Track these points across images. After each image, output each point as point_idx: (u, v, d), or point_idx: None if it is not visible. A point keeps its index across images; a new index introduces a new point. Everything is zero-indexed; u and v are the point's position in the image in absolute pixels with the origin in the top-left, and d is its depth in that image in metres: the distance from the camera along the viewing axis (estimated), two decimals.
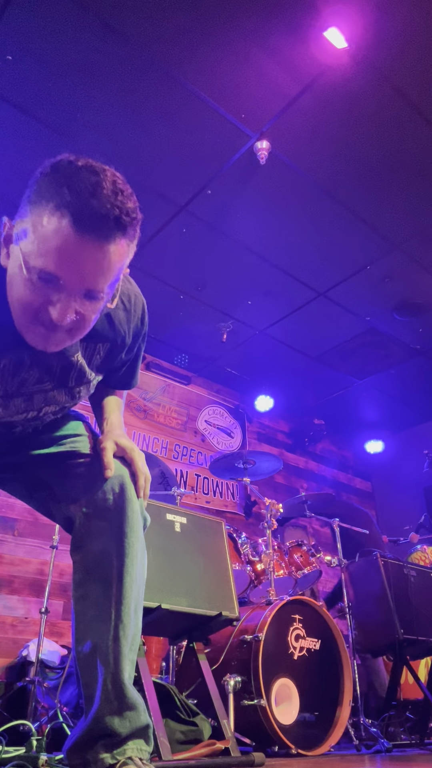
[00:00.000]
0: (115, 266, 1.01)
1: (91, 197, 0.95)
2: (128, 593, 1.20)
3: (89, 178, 0.98)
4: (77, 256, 0.96)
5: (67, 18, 2.68)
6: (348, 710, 2.57)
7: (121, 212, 0.97)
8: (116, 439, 1.32)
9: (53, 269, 0.97)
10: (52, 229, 0.96)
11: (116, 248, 0.99)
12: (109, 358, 1.31)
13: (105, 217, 0.96)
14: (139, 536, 1.26)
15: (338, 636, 2.70)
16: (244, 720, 2.26)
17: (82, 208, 0.95)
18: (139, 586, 1.24)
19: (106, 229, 0.96)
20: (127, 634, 1.17)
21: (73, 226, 0.95)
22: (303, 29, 2.76)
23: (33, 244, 0.98)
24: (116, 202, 0.97)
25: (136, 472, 1.30)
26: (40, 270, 0.98)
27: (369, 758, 2.36)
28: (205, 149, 3.35)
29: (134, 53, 2.84)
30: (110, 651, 1.14)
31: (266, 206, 3.74)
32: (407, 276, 4.31)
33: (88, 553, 1.23)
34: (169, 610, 1.97)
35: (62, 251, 0.96)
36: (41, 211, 0.98)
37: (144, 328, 1.36)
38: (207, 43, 2.82)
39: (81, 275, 0.98)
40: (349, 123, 3.19)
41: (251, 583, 3.18)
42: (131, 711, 1.14)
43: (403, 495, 6.33)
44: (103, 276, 1.00)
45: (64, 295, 0.99)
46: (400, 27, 2.75)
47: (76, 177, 0.98)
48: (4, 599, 3.81)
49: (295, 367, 5.50)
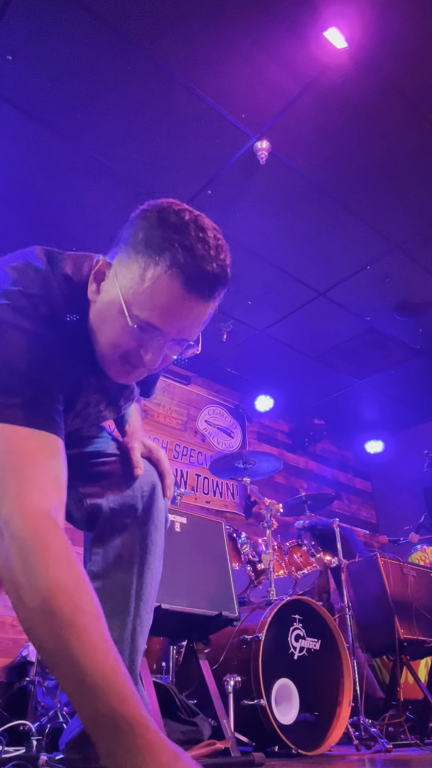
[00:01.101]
0: (206, 319, 1.05)
1: (203, 260, 0.98)
2: (148, 589, 1.23)
3: (199, 236, 0.99)
4: (183, 314, 1.00)
5: (67, 18, 2.68)
6: (348, 710, 2.56)
7: (225, 271, 1.02)
8: (142, 440, 1.37)
9: (158, 323, 0.99)
10: (164, 287, 0.97)
11: (214, 304, 1.04)
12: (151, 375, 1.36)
13: (215, 279, 1.00)
14: (162, 536, 1.30)
15: (338, 636, 2.69)
16: (244, 720, 2.26)
17: (195, 271, 0.97)
18: (156, 584, 1.27)
19: (214, 290, 1.01)
20: (144, 631, 1.20)
21: (185, 287, 0.97)
22: (303, 29, 2.76)
23: (139, 295, 0.99)
24: (221, 261, 1.01)
25: (163, 472, 1.35)
26: (144, 321, 0.99)
27: (369, 758, 2.36)
28: (205, 149, 3.35)
29: (134, 53, 2.84)
30: (127, 645, 1.17)
31: (266, 206, 3.74)
32: (407, 276, 4.31)
33: (111, 548, 1.25)
34: (169, 610, 1.97)
35: (171, 309, 0.98)
36: (150, 264, 0.98)
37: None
38: (207, 43, 2.82)
39: (181, 328, 1.02)
40: (349, 123, 3.18)
41: (251, 583, 3.18)
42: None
43: (403, 495, 6.33)
44: (199, 327, 1.05)
45: (160, 343, 1.02)
46: (400, 27, 2.75)
47: (187, 234, 0.99)
48: (4, 599, 3.81)
49: (295, 367, 5.50)
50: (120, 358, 1.07)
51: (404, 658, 3.03)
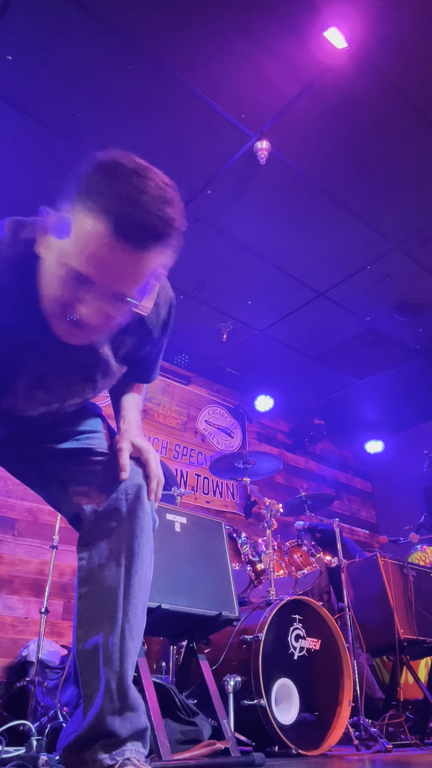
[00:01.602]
0: (149, 273, 1.01)
1: (135, 206, 0.94)
2: (136, 593, 1.20)
3: (135, 183, 0.96)
4: (113, 262, 0.97)
5: (67, 18, 2.68)
6: (348, 710, 2.56)
7: (162, 222, 0.97)
8: (132, 440, 1.32)
9: (87, 272, 0.97)
10: (93, 233, 0.95)
11: (152, 257, 0.99)
12: (135, 350, 1.32)
13: (144, 228, 0.95)
14: (149, 538, 1.27)
15: (338, 636, 2.70)
16: (244, 720, 2.26)
17: (124, 216, 0.94)
18: (146, 587, 1.24)
19: (144, 240, 0.96)
20: (134, 635, 1.17)
21: (114, 234, 0.94)
22: (303, 29, 2.76)
23: (71, 243, 0.98)
24: (158, 211, 0.96)
25: (149, 475, 1.30)
26: (74, 270, 0.98)
27: (369, 758, 2.36)
28: (205, 149, 3.35)
29: (134, 53, 2.84)
30: (116, 650, 1.14)
31: (266, 206, 3.74)
32: (407, 276, 4.31)
33: (96, 552, 1.23)
34: (170, 610, 1.97)
35: (99, 257, 0.96)
36: (84, 211, 0.97)
37: (171, 320, 1.36)
38: (207, 43, 2.82)
39: (114, 280, 0.99)
40: (349, 123, 3.18)
41: (251, 583, 3.18)
42: (132, 712, 1.14)
43: (403, 495, 6.33)
44: (135, 282, 1.00)
45: (94, 296, 1.00)
46: (400, 27, 2.75)
47: (122, 181, 0.96)
48: (4, 599, 3.81)
49: (295, 367, 5.50)
50: (61, 314, 1.04)
51: (404, 658, 3.03)
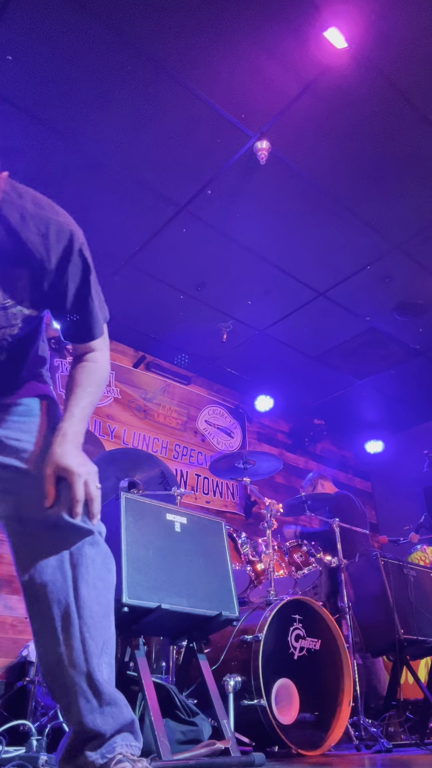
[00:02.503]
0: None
1: None
2: (89, 596, 1.20)
3: None
4: None
5: (67, 18, 2.68)
6: (348, 710, 2.56)
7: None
8: (57, 462, 1.24)
9: None
10: None
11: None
12: (32, 284, 1.24)
13: None
14: (93, 546, 1.24)
15: (338, 636, 2.69)
16: (244, 720, 2.26)
17: None
18: (103, 589, 1.23)
19: None
20: (95, 635, 1.17)
21: None
22: (303, 29, 2.76)
23: None
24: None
25: (72, 497, 1.22)
26: None
27: (369, 758, 2.36)
28: (205, 149, 3.35)
29: (134, 53, 2.84)
30: (80, 652, 1.15)
31: (266, 206, 3.74)
32: (407, 276, 4.31)
33: (34, 577, 1.23)
34: (169, 610, 1.97)
35: None
36: None
37: (72, 255, 1.26)
38: (207, 43, 2.82)
39: None
40: (349, 123, 3.19)
41: (251, 583, 3.18)
42: (112, 707, 1.14)
43: (403, 495, 6.33)
44: None
45: None
46: (400, 27, 2.75)
47: None
48: (4, 599, 3.81)
49: (295, 367, 5.50)
50: None
51: (404, 658, 3.03)
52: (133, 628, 1.98)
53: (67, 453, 1.25)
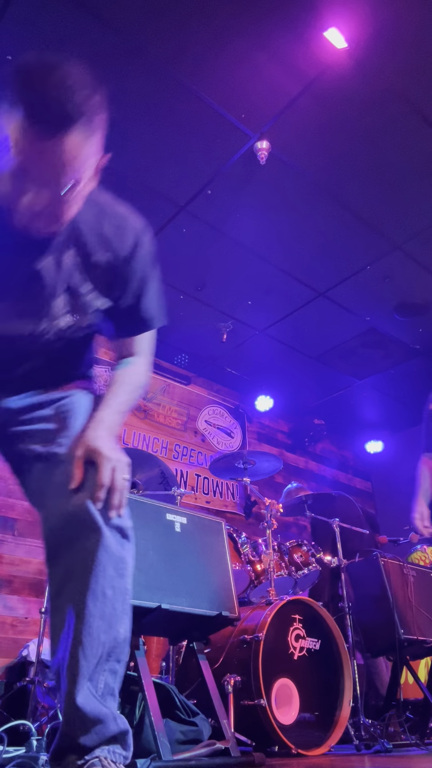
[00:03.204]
0: (71, 157, 1.06)
1: (40, 94, 1.02)
2: (92, 611, 1.16)
3: (41, 73, 1.04)
4: (33, 149, 1.03)
5: (67, 18, 2.68)
6: (348, 710, 2.56)
7: (67, 105, 1.02)
8: (88, 443, 1.23)
9: (16, 163, 1.05)
10: (11, 125, 1.04)
11: (69, 139, 1.04)
12: (105, 274, 1.31)
13: (48, 112, 1.02)
14: (109, 551, 1.19)
15: (338, 636, 2.69)
16: (244, 720, 2.26)
17: (31, 103, 1.01)
18: (108, 600, 1.18)
19: (51, 123, 1.02)
20: (88, 655, 1.14)
21: (26, 121, 1.02)
22: (303, 29, 2.76)
23: (4, 142, 1.06)
24: (63, 96, 1.02)
25: (97, 482, 1.19)
26: (9, 164, 1.07)
27: (369, 758, 2.36)
28: (205, 149, 3.35)
29: (134, 53, 2.84)
30: (69, 669, 1.14)
31: (266, 206, 3.74)
32: (407, 276, 4.31)
33: (58, 567, 1.20)
34: (169, 610, 1.97)
35: (20, 145, 1.04)
36: (6, 111, 1.05)
37: (142, 252, 1.36)
38: (207, 43, 2.82)
39: (40, 166, 1.05)
40: (349, 123, 3.19)
41: (251, 583, 3.18)
42: (96, 725, 1.13)
43: (403, 495, 6.31)
44: (60, 168, 1.06)
45: (31, 186, 1.07)
46: (400, 27, 2.75)
47: (30, 73, 1.04)
48: (4, 599, 3.81)
49: (295, 367, 5.50)
50: (11, 212, 1.12)
51: (404, 658, 3.03)
52: (133, 628, 1.97)
53: (99, 437, 1.25)
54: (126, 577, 1.23)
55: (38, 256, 1.24)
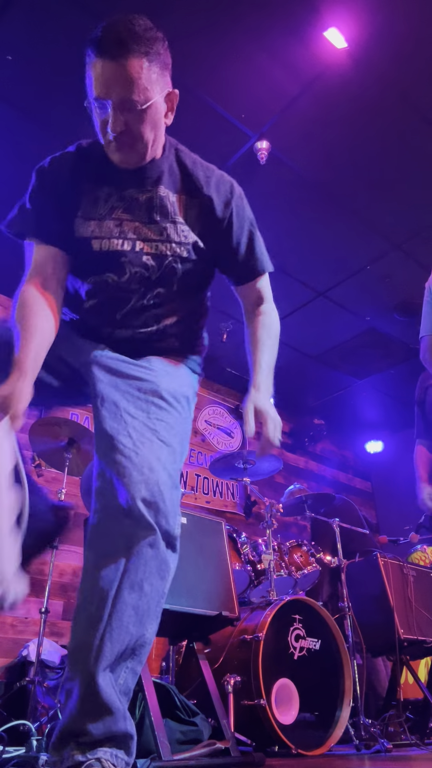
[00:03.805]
0: (138, 79, 1.24)
1: (107, 30, 1.24)
2: (127, 601, 1.17)
3: (113, 19, 1.26)
4: (103, 76, 1.25)
5: (67, 18, 2.68)
6: (348, 710, 2.56)
7: (127, 33, 1.23)
8: (257, 404, 1.46)
9: (97, 94, 1.27)
10: (88, 65, 1.27)
11: (132, 62, 1.23)
12: (201, 214, 1.43)
13: (115, 38, 1.22)
14: (149, 549, 1.20)
15: (338, 636, 2.69)
16: (244, 720, 2.26)
17: (98, 38, 1.24)
18: (145, 594, 1.19)
19: (116, 48, 1.22)
20: (115, 639, 1.14)
21: (95, 54, 1.24)
22: (303, 29, 2.76)
23: (87, 82, 1.29)
24: (123, 27, 1.24)
25: (265, 437, 1.43)
26: (92, 100, 1.29)
27: (369, 758, 2.36)
28: (205, 149, 3.32)
29: None
30: (93, 652, 1.13)
31: (266, 206, 3.73)
32: (407, 276, 4.31)
33: (96, 553, 1.20)
34: (170, 610, 1.97)
35: (96, 78, 1.26)
36: (87, 63, 1.28)
37: (240, 202, 1.49)
38: (207, 43, 2.82)
39: (112, 91, 1.25)
40: (349, 123, 3.19)
41: (251, 583, 3.18)
42: (108, 715, 1.11)
43: (403, 495, 6.32)
44: (127, 87, 1.24)
45: (110, 112, 1.27)
46: (400, 27, 2.75)
47: (105, 21, 1.27)
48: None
49: (295, 367, 5.50)
50: (105, 140, 1.34)
51: (404, 658, 3.03)
52: None
53: (264, 401, 1.47)
54: (165, 581, 1.24)
55: (137, 185, 1.40)
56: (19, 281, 1.39)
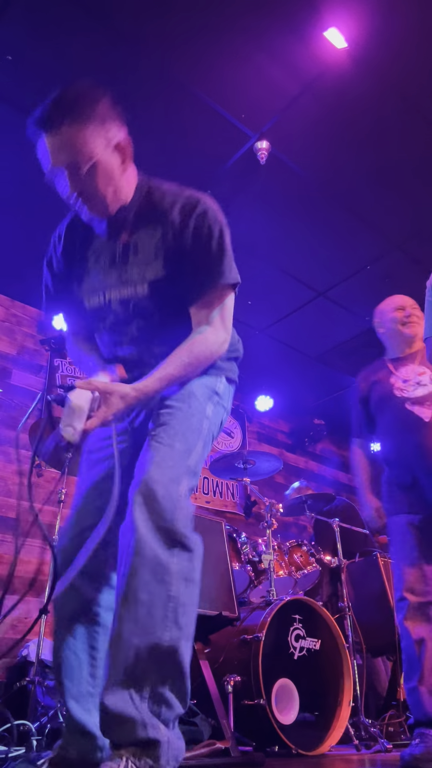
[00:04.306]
0: (76, 143, 1.34)
1: (42, 108, 1.36)
2: (121, 614, 1.17)
3: (49, 97, 1.39)
4: (49, 149, 1.36)
5: (67, 19, 2.68)
6: (348, 710, 2.56)
7: (60, 105, 1.35)
8: (106, 383, 1.32)
9: (48, 167, 1.39)
10: (37, 141, 1.39)
11: (68, 131, 1.34)
12: (166, 243, 1.46)
13: (48, 115, 1.35)
14: (135, 559, 1.18)
15: (338, 636, 2.69)
16: (244, 720, 2.26)
17: (37, 117, 1.36)
18: (142, 604, 1.16)
19: (51, 121, 1.35)
20: (117, 657, 1.14)
21: (37, 130, 1.37)
22: (303, 29, 2.76)
23: (39, 157, 1.39)
24: (56, 101, 1.36)
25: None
26: (47, 173, 1.40)
27: (369, 758, 2.37)
28: (205, 149, 3.35)
29: (134, 54, 2.84)
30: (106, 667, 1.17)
31: (266, 206, 3.73)
32: (407, 276, 4.30)
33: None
34: None
35: (41, 150, 1.38)
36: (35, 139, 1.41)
37: (195, 217, 1.48)
38: (207, 43, 2.82)
39: (58, 160, 1.36)
40: (349, 123, 3.18)
41: (251, 583, 3.18)
42: (120, 725, 1.12)
43: None
44: (69, 153, 1.35)
45: (62, 178, 1.38)
46: (400, 27, 2.75)
47: (44, 101, 1.39)
48: (4, 599, 3.80)
49: (295, 367, 5.49)
50: (71, 204, 1.44)
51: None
52: None
53: (122, 387, 1.31)
54: (168, 585, 1.19)
55: (108, 235, 1.50)
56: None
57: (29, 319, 4.55)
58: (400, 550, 2.26)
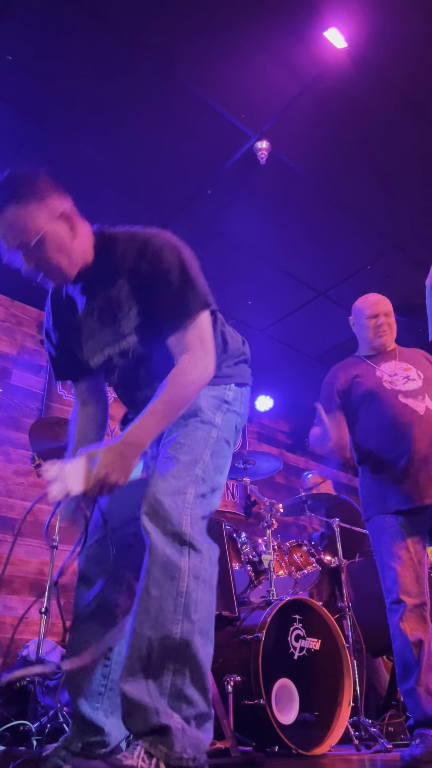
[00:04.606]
0: (17, 223, 1.39)
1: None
2: (137, 614, 1.25)
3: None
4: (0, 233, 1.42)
5: (67, 18, 2.68)
6: (348, 710, 2.56)
7: (1, 193, 1.39)
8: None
9: (3, 252, 1.45)
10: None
11: (8, 214, 1.39)
12: (133, 288, 1.50)
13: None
14: (146, 558, 1.28)
15: (338, 636, 2.69)
16: (244, 720, 2.26)
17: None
18: (154, 599, 1.24)
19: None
20: (132, 646, 1.22)
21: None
22: (303, 29, 2.76)
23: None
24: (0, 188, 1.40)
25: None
26: (7, 254, 1.46)
27: (369, 758, 2.37)
28: (205, 149, 3.35)
29: (134, 53, 2.84)
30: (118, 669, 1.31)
31: (266, 206, 3.73)
32: (407, 276, 4.30)
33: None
34: None
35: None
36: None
37: (148, 255, 1.49)
38: (207, 43, 2.82)
39: (8, 242, 1.42)
40: (349, 123, 3.18)
41: (251, 583, 3.18)
42: (135, 713, 1.19)
43: None
44: (15, 233, 1.40)
45: (18, 257, 1.44)
46: (400, 27, 2.75)
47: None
48: (4, 599, 3.81)
49: (295, 367, 5.49)
50: (33, 279, 1.52)
51: None
52: None
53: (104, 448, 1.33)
54: (178, 581, 1.26)
55: (85, 296, 1.57)
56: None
57: (29, 319, 4.55)
58: (391, 551, 2.26)
